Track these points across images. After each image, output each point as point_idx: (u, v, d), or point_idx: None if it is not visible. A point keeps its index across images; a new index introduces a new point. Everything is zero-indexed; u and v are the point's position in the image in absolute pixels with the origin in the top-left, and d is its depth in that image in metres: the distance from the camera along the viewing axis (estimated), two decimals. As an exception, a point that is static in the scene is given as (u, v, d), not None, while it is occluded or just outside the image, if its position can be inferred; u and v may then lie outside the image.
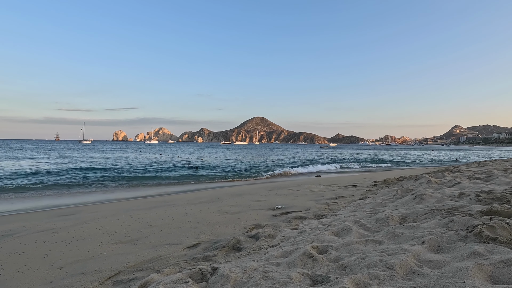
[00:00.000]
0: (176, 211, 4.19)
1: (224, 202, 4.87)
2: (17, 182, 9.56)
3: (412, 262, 1.41)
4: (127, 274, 1.92)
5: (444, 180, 4.34)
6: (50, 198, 7.09)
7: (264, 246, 2.23)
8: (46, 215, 5.16)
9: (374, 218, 2.51)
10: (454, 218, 1.92)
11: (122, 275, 1.92)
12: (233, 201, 4.92)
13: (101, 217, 4.29)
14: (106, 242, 2.71)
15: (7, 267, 2.18)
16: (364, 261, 1.51)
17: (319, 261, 1.66)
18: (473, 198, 2.63)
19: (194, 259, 2.11)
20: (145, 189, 8.97)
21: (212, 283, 1.53)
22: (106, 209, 5.44)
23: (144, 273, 1.89)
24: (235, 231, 2.89)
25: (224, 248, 2.30)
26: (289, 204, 4.28)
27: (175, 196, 7.36)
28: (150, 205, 5.66)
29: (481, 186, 3.44)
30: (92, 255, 2.35)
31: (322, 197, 4.78)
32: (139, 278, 1.79)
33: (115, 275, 1.93)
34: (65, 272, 2.03)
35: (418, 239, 1.72)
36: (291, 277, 1.43)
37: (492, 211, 1.97)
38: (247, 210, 3.97)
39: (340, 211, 3.41)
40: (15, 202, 6.70)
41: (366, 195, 4.56)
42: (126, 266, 2.08)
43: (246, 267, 1.62)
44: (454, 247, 1.55)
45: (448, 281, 1.19)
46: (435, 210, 2.44)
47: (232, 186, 9.36)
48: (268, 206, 4.25)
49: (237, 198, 5.38)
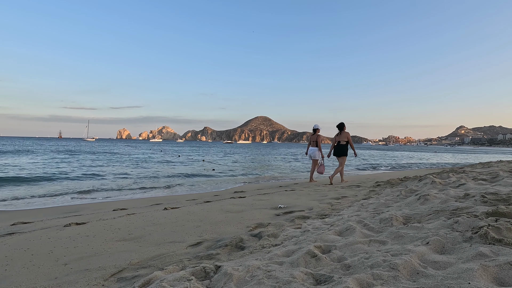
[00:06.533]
0: (179, 209, 4.21)
1: (226, 201, 4.88)
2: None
3: (416, 263, 1.40)
4: (130, 271, 1.94)
5: (449, 181, 4.31)
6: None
7: (267, 245, 2.23)
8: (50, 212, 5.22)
9: (377, 218, 2.50)
10: (459, 219, 1.91)
11: (125, 272, 1.93)
12: (236, 200, 4.92)
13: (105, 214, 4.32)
14: (110, 239, 2.73)
15: (12, 263, 2.21)
16: (368, 261, 1.50)
17: (322, 260, 1.65)
18: (478, 199, 2.60)
19: (197, 257, 2.12)
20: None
21: (215, 281, 1.53)
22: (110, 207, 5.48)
23: (148, 271, 1.90)
24: (238, 230, 2.90)
25: (227, 246, 2.31)
26: (292, 204, 4.28)
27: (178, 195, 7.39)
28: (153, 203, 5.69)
29: (486, 187, 3.41)
30: (96, 252, 2.37)
31: (325, 197, 4.77)
32: (143, 275, 1.80)
33: (119, 272, 1.94)
34: (69, 269, 2.05)
35: (423, 240, 1.71)
36: (294, 276, 1.43)
37: (498, 212, 1.95)
38: (250, 209, 3.97)
39: (343, 211, 3.40)
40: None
41: (369, 195, 4.54)
42: (130, 263, 2.09)
43: (249, 265, 1.62)
44: (459, 248, 1.53)
45: (452, 282, 1.18)
46: (440, 211, 2.42)
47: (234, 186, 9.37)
48: (271, 205, 4.25)
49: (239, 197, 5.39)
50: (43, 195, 7.22)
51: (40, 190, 8.03)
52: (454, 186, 3.88)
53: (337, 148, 7.75)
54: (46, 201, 6.56)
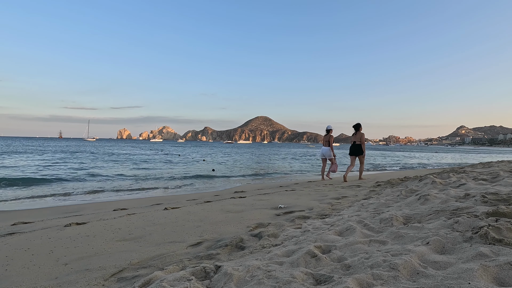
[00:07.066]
0: (179, 209, 4.21)
1: (227, 201, 4.88)
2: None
3: (416, 263, 1.40)
4: (131, 271, 1.94)
5: (449, 181, 4.31)
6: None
7: (267, 245, 2.23)
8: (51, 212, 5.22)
9: (378, 218, 2.50)
10: (459, 219, 1.91)
11: (126, 272, 1.93)
12: (236, 200, 4.92)
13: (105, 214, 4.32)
14: (110, 239, 2.73)
15: (13, 262, 2.21)
16: (368, 261, 1.50)
17: (322, 260, 1.65)
18: (478, 199, 2.60)
19: (197, 257, 2.12)
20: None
21: (215, 281, 1.53)
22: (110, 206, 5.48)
23: (148, 270, 1.90)
24: (238, 230, 2.90)
25: (227, 246, 2.31)
26: (292, 204, 4.28)
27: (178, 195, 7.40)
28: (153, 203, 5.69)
29: (486, 187, 3.41)
30: (97, 252, 2.37)
31: (325, 197, 4.77)
32: (143, 275, 1.80)
33: (119, 272, 1.94)
34: (70, 268, 2.05)
35: (423, 240, 1.70)
36: (294, 276, 1.43)
37: (498, 212, 1.95)
38: (250, 209, 3.97)
39: (343, 211, 3.39)
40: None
41: (369, 195, 4.54)
42: (130, 263, 2.09)
43: (249, 265, 1.62)
44: (459, 248, 1.53)
45: (453, 282, 1.18)
46: (440, 211, 2.42)
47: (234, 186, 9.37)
48: (271, 205, 4.25)
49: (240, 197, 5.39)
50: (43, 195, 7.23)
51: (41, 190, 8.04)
52: (454, 186, 3.87)
53: (353, 148, 8.14)
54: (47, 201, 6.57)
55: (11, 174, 10.96)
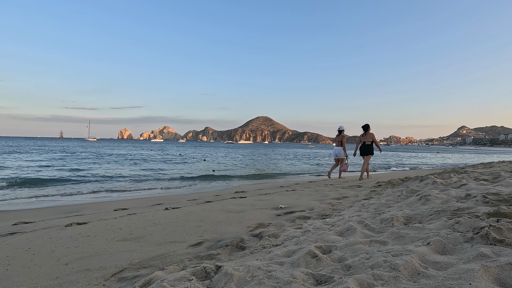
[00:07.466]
0: (180, 209, 4.21)
1: (227, 201, 4.88)
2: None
3: (417, 263, 1.40)
4: (131, 271, 1.94)
5: (450, 181, 4.30)
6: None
7: (267, 245, 2.23)
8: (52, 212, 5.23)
9: (378, 219, 2.49)
10: (460, 220, 1.90)
11: (126, 272, 1.93)
12: (237, 200, 4.92)
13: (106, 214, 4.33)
14: (111, 239, 2.74)
15: (14, 262, 2.21)
16: (369, 261, 1.50)
17: (323, 261, 1.65)
18: (479, 199, 2.59)
19: (197, 257, 2.12)
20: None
21: (215, 281, 1.53)
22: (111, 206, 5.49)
23: (148, 270, 1.90)
24: (239, 230, 2.90)
25: (227, 246, 2.31)
26: (292, 204, 4.27)
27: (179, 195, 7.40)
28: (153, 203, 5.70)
29: (487, 188, 3.40)
30: (97, 252, 2.38)
31: (326, 197, 4.77)
32: (144, 275, 1.80)
33: (119, 271, 1.95)
34: (70, 268, 2.06)
35: (423, 240, 1.70)
36: (294, 277, 1.43)
37: (499, 212, 1.95)
38: (250, 209, 3.97)
39: (344, 211, 3.39)
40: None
41: (370, 196, 4.53)
42: (131, 263, 2.09)
43: (250, 266, 1.62)
44: (460, 249, 1.53)
45: (453, 283, 1.17)
46: (441, 211, 2.42)
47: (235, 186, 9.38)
48: (271, 205, 4.24)
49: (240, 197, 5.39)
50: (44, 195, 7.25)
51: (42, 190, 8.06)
52: (455, 186, 3.87)
53: (362, 148, 8.37)
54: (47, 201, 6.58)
55: (11, 174, 10.99)
